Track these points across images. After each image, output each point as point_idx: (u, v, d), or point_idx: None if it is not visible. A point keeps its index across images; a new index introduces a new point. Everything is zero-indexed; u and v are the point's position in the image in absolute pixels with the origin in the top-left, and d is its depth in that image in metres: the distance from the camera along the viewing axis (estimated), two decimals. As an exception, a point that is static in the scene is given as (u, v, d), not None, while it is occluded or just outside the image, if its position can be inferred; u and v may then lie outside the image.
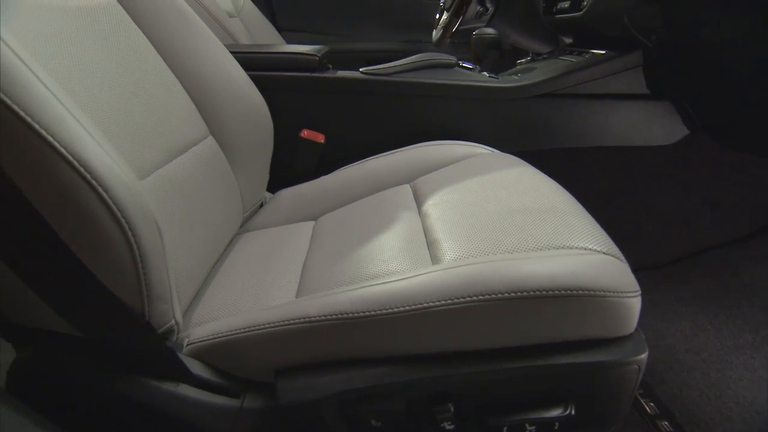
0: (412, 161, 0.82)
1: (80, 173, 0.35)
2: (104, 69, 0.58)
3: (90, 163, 0.36)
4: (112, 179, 0.37)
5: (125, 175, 0.39)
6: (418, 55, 0.88)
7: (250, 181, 0.81)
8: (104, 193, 0.36)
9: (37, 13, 0.52)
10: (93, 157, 0.36)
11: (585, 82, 0.84)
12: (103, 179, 0.36)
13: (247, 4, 1.39)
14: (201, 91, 0.75)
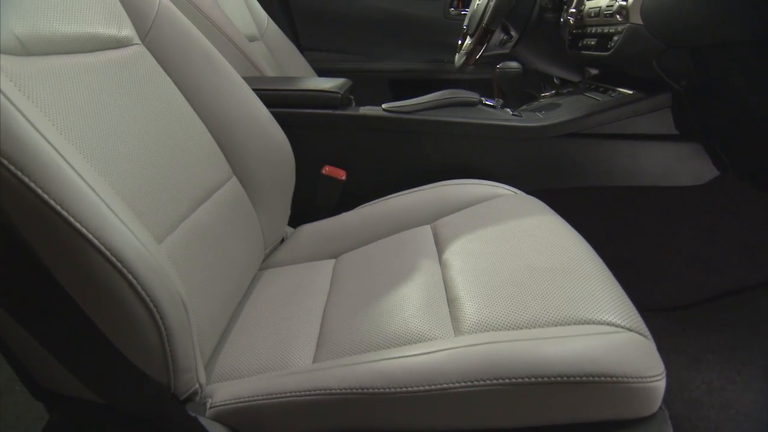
0: (433, 201, 0.82)
1: (111, 262, 0.36)
2: (134, 123, 0.59)
3: (120, 251, 0.37)
4: (142, 266, 0.38)
5: (153, 259, 0.40)
6: (440, 92, 0.88)
7: (272, 219, 0.82)
8: (134, 280, 0.37)
9: (69, 74, 0.53)
10: (123, 245, 0.37)
11: (611, 122, 0.82)
12: (134, 267, 0.37)
13: (270, 26, 1.40)
14: (225, 132, 0.76)
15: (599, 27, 0.84)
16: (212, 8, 1.04)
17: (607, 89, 0.89)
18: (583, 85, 1.00)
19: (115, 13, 0.66)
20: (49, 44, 0.53)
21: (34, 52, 0.51)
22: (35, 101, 0.46)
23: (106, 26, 0.63)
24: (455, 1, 1.58)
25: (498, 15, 1.01)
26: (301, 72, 1.43)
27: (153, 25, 0.71)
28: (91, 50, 0.60)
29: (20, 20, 0.50)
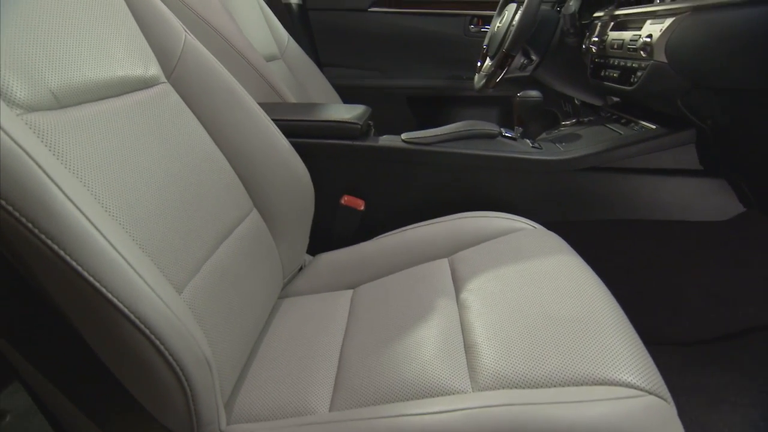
0: (451, 234, 0.82)
1: (140, 330, 0.37)
2: (160, 163, 0.61)
3: (150, 319, 0.38)
4: (170, 332, 0.39)
5: (181, 323, 0.41)
6: (460, 123, 0.88)
7: (291, 248, 0.83)
8: (161, 346, 0.38)
9: (99, 123, 0.55)
10: (153, 313, 0.38)
11: (633, 156, 0.81)
12: (162, 334, 0.38)
13: (290, 44, 1.41)
14: (246, 165, 0.77)
15: (622, 60, 0.83)
16: (233, 33, 1.05)
17: (629, 121, 0.88)
18: (605, 114, 0.98)
19: (142, 53, 0.68)
20: (81, 94, 0.55)
21: (66, 104, 0.52)
22: (67, 157, 0.47)
23: (134, 67, 0.65)
24: (475, 19, 1.57)
25: (519, 41, 1.01)
26: (321, 90, 1.44)
27: (179, 62, 0.73)
28: (119, 94, 0.61)
29: (55, 72, 0.52)
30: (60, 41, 0.54)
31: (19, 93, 0.46)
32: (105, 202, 0.49)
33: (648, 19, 0.76)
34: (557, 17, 1.10)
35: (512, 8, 1.11)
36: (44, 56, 0.52)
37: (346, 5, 1.60)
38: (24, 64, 0.48)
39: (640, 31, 0.77)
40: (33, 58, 0.50)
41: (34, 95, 0.48)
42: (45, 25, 0.53)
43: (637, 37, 0.77)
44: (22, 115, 0.45)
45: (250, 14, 1.28)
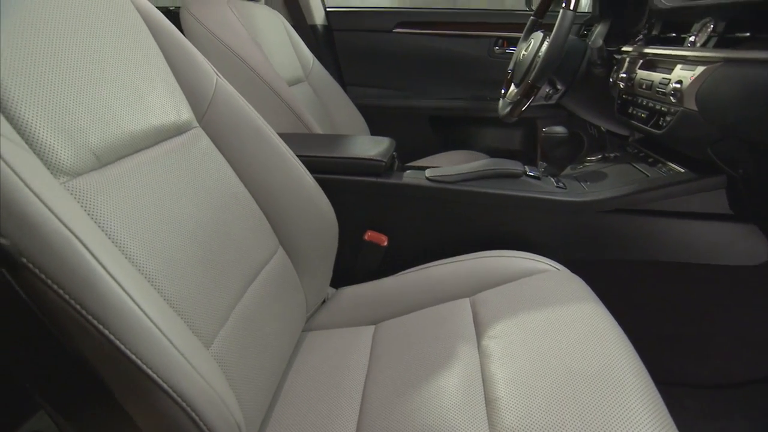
0: (474, 273, 0.83)
1: (176, 401, 0.39)
2: (191, 209, 0.62)
3: (185, 392, 0.40)
4: (205, 403, 0.41)
5: (215, 393, 0.43)
6: (484, 162, 0.88)
7: (315, 283, 0.85)
8: (196, 417, 0.40)
9: (135, 177, 0.57)
10: (189, 386, 0.40)
11: (659, 200, 0.80)
12: (197, 405, 0.40)
13: (315, 66, 1.43)
14: (272, 203, 0.78)
15: (651, 101, 0.82)
16: (260, 63, 1.07)
17: (657, 161, 0.86)
18: (631, 150, 0.97)
19: (176, 99, 0.70)
20: (120, 149, 0.57)
21: (106, 161, 0.54)
22: (105, 219, 0.49)
23: (169, 115, 0.67)
24: (500, 41, 1.56)
25: (545, 73, 1.00)
26: (344, 111, 1.46)
27: (210, 106, 0.75)
28: (154, 144, 0.63)
29: (97, 130, 0.54)
30: (99, 94, 0.56)
31: (65, 158, 0.48)
32: (141, 262, 0.51)
33: (678, 63, 0.75)
34: (584, 47, 1.09)
35: (538, 37, 1.10)
36: (86, 113, 0.54)
37: (371, 26, 1.61)
38: (67, 124, 0.50)
39: (669, 75, 0.76)
40: (76, 116, 0.52)
41: (78, 158, 0.50)
42: (85, 78, 0.55)
43: (667, 81, 0.76)
44: (67, 183, 0.48)
45: (277, 39, 1.30)
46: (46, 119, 0.48)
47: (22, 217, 0.36)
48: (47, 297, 0.37)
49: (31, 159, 0.42)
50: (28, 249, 0.36)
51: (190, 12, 1.08)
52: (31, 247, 0.36)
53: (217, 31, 1.05)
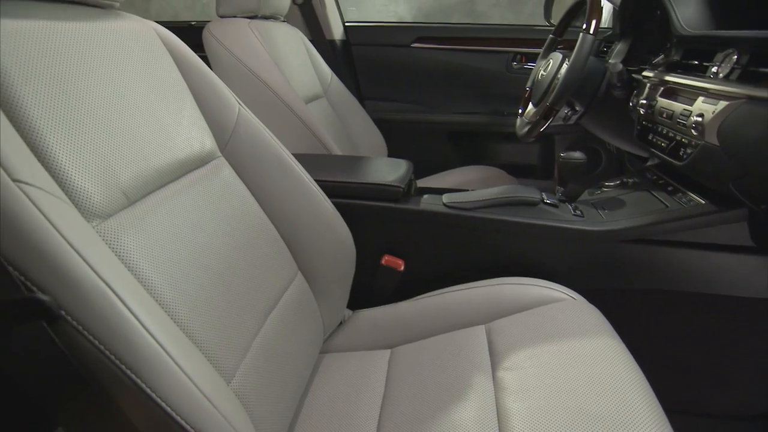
0: (489, 300, 0.83)
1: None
2: (213, 243, 0.64)
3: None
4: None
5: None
6: (502, 188, 0.88)
7: (332, 306, 0.86)
8: None
9: (161, 213, 0.58)
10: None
11: (678, 231, 0.79)
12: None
13: (333, 81, 1.44)
14: (292, 230, 0.80)
15: (671, 131, 0.81)
16: (280, 85, 1.09)
17: (677, 190, 0.85)
18: (650, 176, 0.96)
19: (200, 130, 0.72)
20: (147, 185, 0.59)
21: (134, 199, 0.56)
22: (133, 258, 0.50)
23: (193, 147, 0.69)
24: (518, 56, 1.56)
25: (563, 96, 1.00)
26: (362, 126, 1.47)
27: (232, 135, 0.76)
28: (179, 176, 0.65)
29: (126, 168, 0.56)
30: (129, 132, 0.58)
31: (97, 201, 0.50)
32: (166, 299, 0.52)
33: (700, 95, 0.74)
34: (604, 69, 1.09)
35: (557, 58, 1.10)
36: (117, 153, 0.55)
37: (389, 41, 1.62)
38: (100, 165, 0.52)
39: (691, 107, 0.75)
40: (107, 157, 0.54)
41: (109, 200, 0.52)
42: (115, 117, 0.56)
43: (688, 113, 0.75)
44: (98, 225, 0.50)
45: (297, 56, 1.32)
46: (80, 162, 0.50)
47: (62, 273, 0.38)
48: (82, 346, 0.38)
49: (68, 209, 0.44)
50: (67, 302, 0.38)
51: (212, 34, 1.10)
52: (69, 300, 0.38)
53: (239, 53, 1.07)
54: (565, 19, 1.20)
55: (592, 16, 0.98)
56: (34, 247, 0.38)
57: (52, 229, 0.39)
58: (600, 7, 1.00)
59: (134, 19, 0.68)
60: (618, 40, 1.25)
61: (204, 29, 1.12)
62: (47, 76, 0.50)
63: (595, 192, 0.98)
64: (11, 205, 0.38)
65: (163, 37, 0.71)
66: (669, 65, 0.91)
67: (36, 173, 0.43)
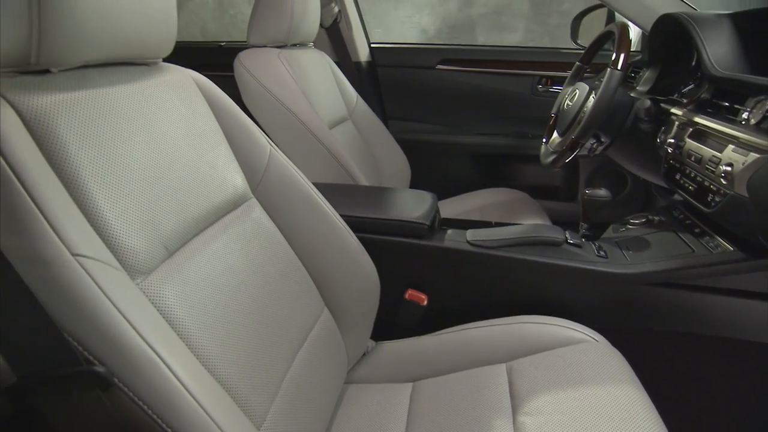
0: (511, 338, 0.84)
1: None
2: (245, 285, 0.67)
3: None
4: None
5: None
6: (526, 227, 0.89)
7: (356, 339, 0.88)
8: None
9: (199, 260, 0.61)
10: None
11: (705, 277, 0.79)
12: None
13: (358, 104, 1.47)
14: (319, 267, 0.82)
15: (700, 175, 0.81)
16: (307, 114, 1.12)
17: (704, 233, 0.85)
18: (677, 214, 0.95)
19: (234, 174, 0.74)
20: (185, 235, 0.62)
21: (173, 249, 0.59)
22: (173, 311, 0.54)
23: (227, 191, 0.71)
24: (543, 79, 1.55)
25: (589, 130, 1.00)
26: (385, 148, 1.49)
27: (263, 176, 0.79)
28: (214, 221, 0.68)
29: (167, 222, 0.58)
30: (169, 185, 0.61)
31: (141, 257, 0.53)
32: (202, 348, 0.55)
33: (730, 143, 0.74)
34: (631, 101, 1.08)
35: (584, 89, 1.09)
36: (158, 206, 0.58)
37: (414, 63, 1.64)
38: (143, 221, 0.55)
39: (720, 154, 0.75)
40: (150, 211, 0.57)
41: (152, 254, 0.55)
42: (157, 170, 0.59)
43: (717, 160, 0.75)
44: (142, 282, 0.53)
45: (324, 81, 1.34)
46: (127, 221, 0.53)
47: (115, 344, 0.41)
48: (133, 412, 0.41)
49: (118, 276, 0.47)
50: (120, 372, 0.41)
51: (243, 65, 1.14)
52: (121, 369, 0.41)
53: (268, 84, 1.10)
54: (592, 48, 1.20)
55: (620, 50, 0.97)
56: (92, 320, 0.41)
57: (107, 301, 0.42)
58: (629, 40, 0.99)
59: (175, 70, 0.71)
60: (646, 68, 1.24)
61: (236, 59, 1.16)
62: (99, 141, 0.53)
63: (620, 228, 0.98)
64: (71, 281, 0.41)
65: (201, 85, 0.74)
66: (699, 104, 0.90)
67: (91, 242, 0.46)
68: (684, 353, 0.86)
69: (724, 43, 0.91)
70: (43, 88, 0.49)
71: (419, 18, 2.80)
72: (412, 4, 2.81)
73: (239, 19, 3.09)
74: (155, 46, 0.63)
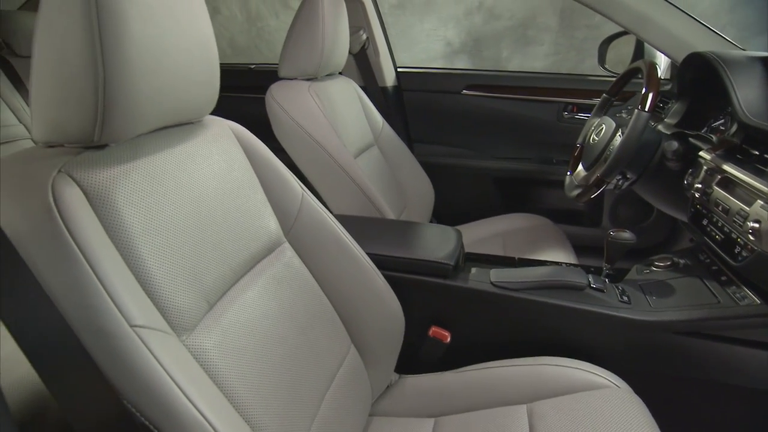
0: (532, 379, 0.86)
1: None
2: (277, 329, 0.70)
3: None
4: None
5: None
6: (549, 269, 0.90)
7: (380, 374, 0.91)
8: None
9: (236, 314, 0.65)
10: None
11: (729, 329, 0.79)
12: None
13: (384, 129, 1.49)
14: (347, 306, 0.85)
15: (727, 225, 0.81)
16: (337, 148, 1.15)
17: (730, 281, 0.85)
18: (703, 258, 0.95)
19: (269, 221, 0.78)
20: (224, 285, 0.65)
21: (213, 301, 0.63)
22: (211, 362, 0.57)
23: (262, 238, 0.75)
24: (569, 106, 1.55)
25: (614, 170, 1.00)
26: (410, 173, 1.51)
27: (296, 221, 0.82)
28: (250, 268, 0.72)
29: (209, 275, 0.62)
30: (211, 239, 0.65)
31: (187, 314, 0.57)
32: (239, 396, 0.59)
33: (759, 198, 0.74)
34: (658, 139, 1.08)
35: (610, 125, 1.09)
36: (201, 261, 0.62)
37: (440, 88, 1.66)
38: (188, 277, 0.59)
39: (749, 209, 0.75)
40: (194, 267, 0.60)
41: (195, 310, 0.59)
42: (200, 226, 0.63)
43: (745, 214, 0.75)
44: (186, 339, 0.56)
45: (351, 109, 1.37)
46: (175, 281, 0.57)
47: (167, 409, 0.45)
48: None
49: (168, 340, 0.51)
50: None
51: (274, 98, 1.18)
52: (173, 431, 0.45)
53: (298, 118, 1.14)
54: (619, 82, 1.20)
55: (649, 90, 0.97)
56: (146, 388, 0.45)
57: (160, 369, 0.46)
58: (657, 80, 0.99)
59: (215, 123, 0.75)
60: (675, 99, 1.23)
61: (267, 92, 1.20)
62: (149, 206, 0.57)
63: (644, 270, 0.98)
64: (129, 352, 0.45)
65: (238, 135, 0.78)
66: (728, 150, 0.89)
67: (145, 310, 0.50)
68: (707, 401, 0.86)
69: (756, 87, 0.90)
70: (102, 162, 0.53)
71: (444, 31, 2.81)
72: (438, 18, 2.82)
73: (266, 32, 3.15)
74: (201, 108, 0.67)
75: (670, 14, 1.23)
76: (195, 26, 0.60)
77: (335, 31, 1.21)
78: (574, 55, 2.67)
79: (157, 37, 0.53)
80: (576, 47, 2.65)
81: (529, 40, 2.72)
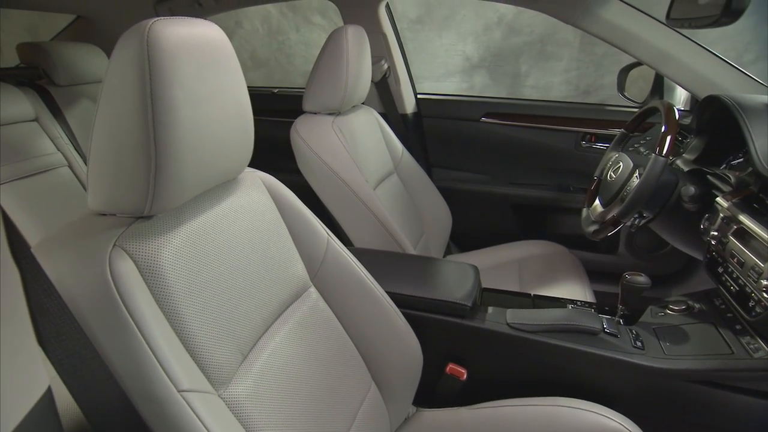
0: (545, 420, 0.88)
1: None
2: (302, 373, 0.74)
3: None
4: None
5: None
6: (564, 313, 0.93)
7: (399, 408, 0.95)
8: None
9: (266, 356, 0.69)
10: None
11: (743, 381, 0.81)
12: None
13: (404, 156, 1.53)
14: (368, 346, 0.89)
15: (742, 278, 0.82)
16: (359, 183, 1.19)
17: (745, 331, 0.86)
18: (718, 303, 0.96)
19: (297, 267, 0.82)
20: (256, 335, 0.70)
21: (246, 352, 0.68)
22: (246, 412, 0.62)
23: (291, 285, 0.79)
24: (587, 136, 1.56)
25: (631, 211, 1.02)
26: (429, 200, 1.55)
27: (321, 265, 0.87)
28: (278, 315, 0.76)
29: (244, 330, 0.66)
30: (243, 291, 0.69)
31: (224, 370, 0.61)
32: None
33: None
34: (675, 180, 1.09)
35: (628, 164, 1.11)
36: (237, 316, 0.66)
37: (459, 115, 1.68)
38: (226, 334, 0.63)
39: (763, 266, 0.76)
40: (232, 324, 0.65)
41: (232, 363, 0.63)
42: (235, 283, 0.67)
43: (760, 271, 0.76)
44: (224, 392, 0.61)
45: (372, 139, 1.41)
46: (214, 338, 0.61)
47: None
48: None
49: (210, 400, 0.55)
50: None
51: (299, 134, 1.22)
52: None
53: (322, 154, 1.18)
54: (637, 119, 1.21)
55: (666, 134, 0.98)
56: (192, 451, 0.49)
57: (204, 430, 0.51)
58: (676, 123, 1.00)
59: (246, 175, 0.79)
60: (694, 135, 1.24)
61: (292, 127, 1.24)
62: (190, 269, 0.61)
63: (658, 313, 1.00)
64: (178, 417, 0.50)
65: (267, 185, 0.82)
66: (745, 198, 0.90)
67: (190, 373, 0.54)
68: None
69: None
70: (150, 232, 0.58)
71: (463, 46, 2.83)
72: (456, 33, 2.83)
73: (286, 45, 3.20)
74: (237, 168, 0.72)
75: (691, 51, 1.24)
76: (233, 100, 0.64)
77: (358, 67, 1.25)
78: (593, 71, 2.66)
79: (200, 119, 0.57)
80: (595, 63, 2.64)
81: (549, 56, 2.72)
